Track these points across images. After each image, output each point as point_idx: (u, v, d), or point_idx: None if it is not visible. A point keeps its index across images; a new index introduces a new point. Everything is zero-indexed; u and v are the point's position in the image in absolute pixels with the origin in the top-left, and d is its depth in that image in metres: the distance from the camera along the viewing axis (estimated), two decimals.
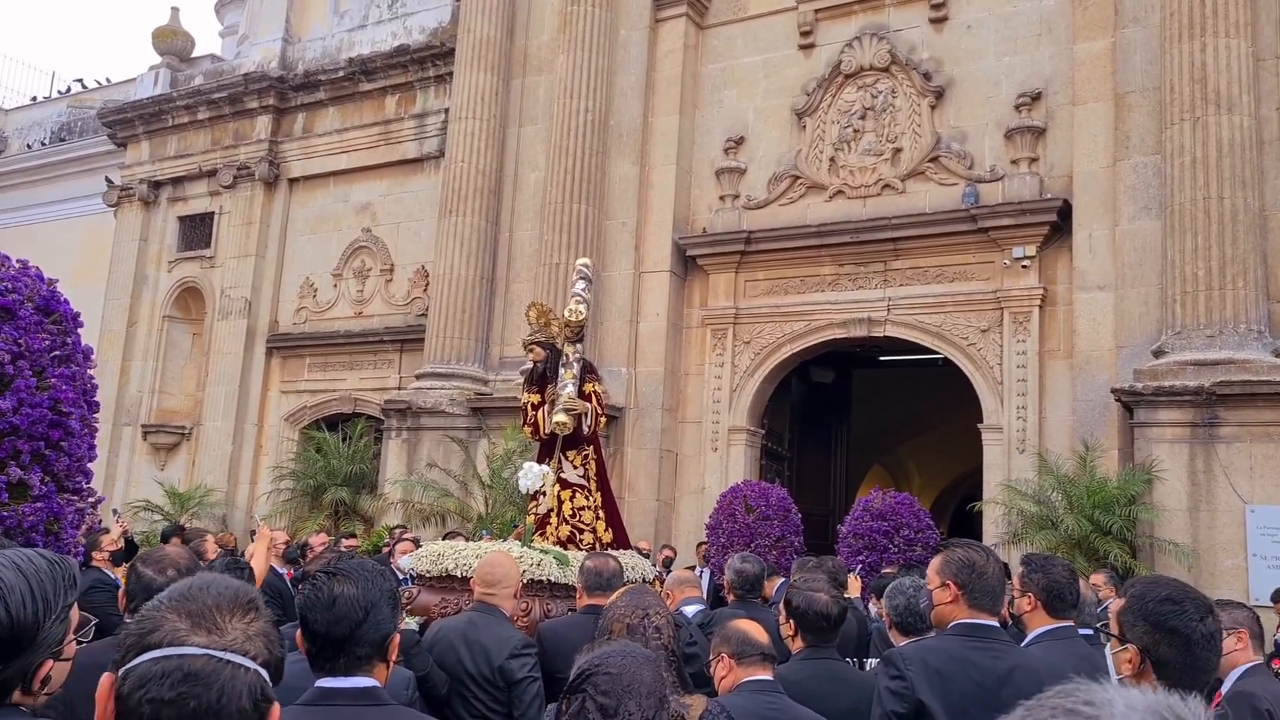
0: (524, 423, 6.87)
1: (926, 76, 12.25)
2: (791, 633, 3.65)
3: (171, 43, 19.75)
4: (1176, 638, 2.32)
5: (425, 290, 15.37)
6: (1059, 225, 11.12)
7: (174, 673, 1.22)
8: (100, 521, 9.46)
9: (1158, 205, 10.25)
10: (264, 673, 1.28)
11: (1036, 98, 11.58)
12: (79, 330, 4.25)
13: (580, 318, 6.56)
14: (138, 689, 1.21)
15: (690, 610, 5.80)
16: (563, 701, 2.21)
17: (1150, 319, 10.19)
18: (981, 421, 11.46)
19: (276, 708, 1.31)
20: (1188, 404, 9.34)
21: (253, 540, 9.75)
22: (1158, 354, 9.77)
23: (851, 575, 6.81)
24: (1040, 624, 3.31)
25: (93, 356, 4.38)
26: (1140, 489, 9.40)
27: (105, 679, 1.26)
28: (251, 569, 4.65)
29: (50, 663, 1.71)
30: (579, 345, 6.65)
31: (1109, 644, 2.49)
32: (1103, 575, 7.61)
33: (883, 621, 6.14)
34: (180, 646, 1.24)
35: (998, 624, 3.03)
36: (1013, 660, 2.90)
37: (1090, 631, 3.86)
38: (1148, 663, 2.34)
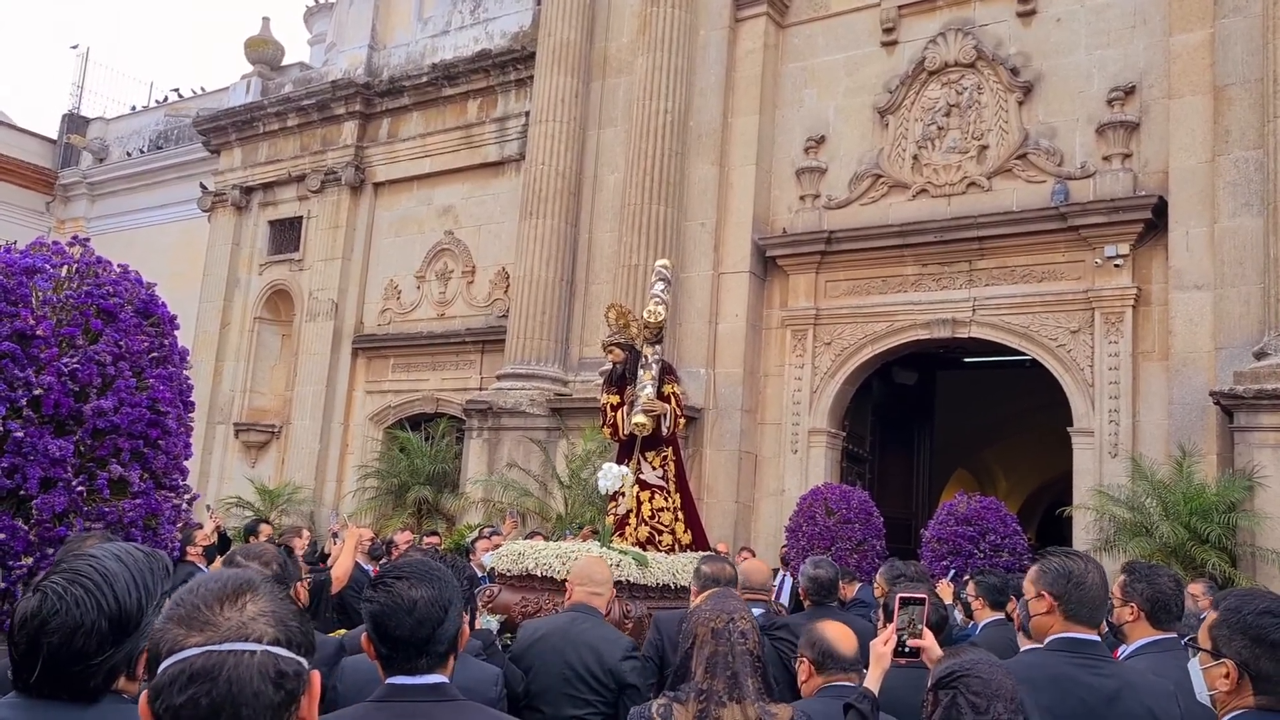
0: (603, 424, 6.88)
1: (1014, 72, 11.96)
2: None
3: (263, 52, 20.33)
4: (1279, 652, 2.24)
5: (506, 292, 15.54)
6: (1154, 223, 10.76)
7: (179, 678, 1.26)
8: (194, 518, 9.77)
9: (1260, 201, 9.84)
10: (276, 650, 1.30)
11: (1130, 92, 11.22)
12: (175, 332, 4.39)
13: (659, 319, 6.53)
14: (155, 700, 1.27)
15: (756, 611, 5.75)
16: (931, 693, 2.40)
17: (1251, 319, 9.79)
18: (1071, 425, 11.15)
19: (316, 676, 1.34)
20: None
21: (334, 539, 9.97)
22: (1260, 355, 9.38)
23: (943, 582, 6.66)
24: (1142, 635, 3.19)
25: (189, 358, 4.52)
26: (1241, 496, 9.04)
27: (143, 697, 1.31)
28: (294, 554, 4.76)
29: None
30: (658, 346, 6.63)
31: (1196, 658, 2.39)
32: (1201, 585, 7.33)
33: (967, 628, 6.02)
34: (180, 651, 1.28)
35: (1098, 638, 2.94)
36: (1120, 679, 2.81)
37: None
38: (1246, 678, 2.27)
